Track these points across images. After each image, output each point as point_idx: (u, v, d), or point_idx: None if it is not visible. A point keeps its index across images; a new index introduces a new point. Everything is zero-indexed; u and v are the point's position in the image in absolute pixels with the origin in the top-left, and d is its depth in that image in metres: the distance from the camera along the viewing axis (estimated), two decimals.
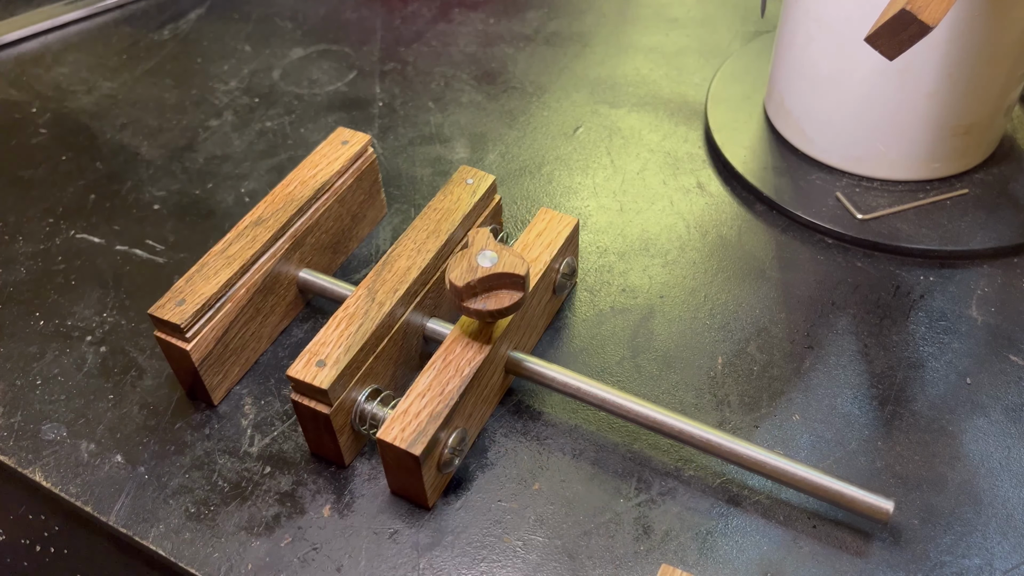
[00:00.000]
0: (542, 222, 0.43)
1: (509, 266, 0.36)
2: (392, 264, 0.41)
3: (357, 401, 0.38)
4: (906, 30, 0.36)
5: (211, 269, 0.41)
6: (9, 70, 0.65)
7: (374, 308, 0.39)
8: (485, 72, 0.63)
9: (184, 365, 0.40)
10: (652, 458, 0.40)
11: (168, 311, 0.39)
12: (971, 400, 0.41)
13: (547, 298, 0.43)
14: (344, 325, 0.38)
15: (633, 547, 0.36)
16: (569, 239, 0.43)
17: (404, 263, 0.41)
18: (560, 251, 0.42)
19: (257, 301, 0.42)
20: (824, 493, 0.35)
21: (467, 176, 0.45)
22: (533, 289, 0.40)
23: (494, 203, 0.46)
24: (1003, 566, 0.35)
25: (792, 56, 0.51)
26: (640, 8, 0.68)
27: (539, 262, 0.41)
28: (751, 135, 0.55)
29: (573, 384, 0.39)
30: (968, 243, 0.47)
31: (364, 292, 0.39)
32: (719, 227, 0.50)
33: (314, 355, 0.37)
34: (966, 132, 0.49)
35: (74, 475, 0.40)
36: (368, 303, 0.39)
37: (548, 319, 0.45)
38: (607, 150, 0.56)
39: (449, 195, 0.44)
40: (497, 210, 0.47)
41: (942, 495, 0.38)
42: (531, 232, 0.43)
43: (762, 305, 0.46)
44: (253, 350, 0.43)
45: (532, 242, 0.42)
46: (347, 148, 0.46)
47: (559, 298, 0.45)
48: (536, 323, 0.43)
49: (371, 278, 0.40)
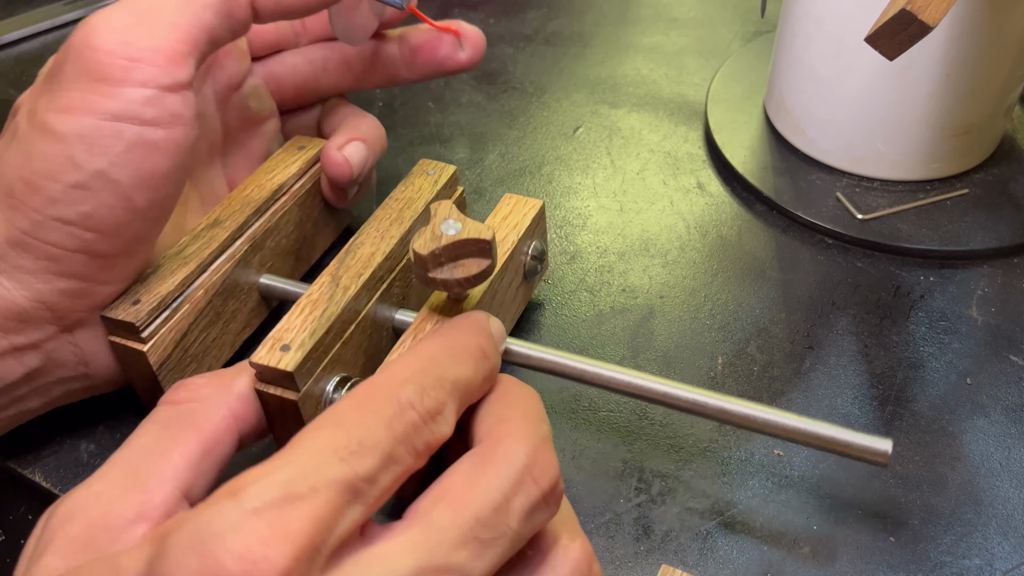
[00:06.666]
0: (507, 206, 0.42)
1: (474, 231, 0.34)
2: (355, 251, 0.40)
3: (326, 391, 0.36)
4: (906, 30, 0.36)
5: (167, 269, 0.39)
6: (9, 70, 0.65)
7: (339, 292, 0.38)
8: (485, 72, 0.63)
9: (141, 371, 0.39)
10: (652, 458, 0.39)
11: (122, 311, 0.37)
12: (971, 400, 0.41)
13: (517, 282, 0.42)
14: (308, 311, 0.37)
15: (633, 547, 0.36)
16: (535, 221, 0.42)
17: (368, 249, 0.40)
18: (527, 232, 0.41)
19: (217, 305, 0.41)
20: (819, 441, 0.34)
21: (428, 168, 0.45)
22: (502, 269, 0.40)
23: (457, 194, 0.45)
24: (1003, 566, 0.35)
25: (792, 56, 0.51)
26: (640, 8, 0.68)
27: (507, 242, 0.40)
28: (751, 135, 0.55)
29: (547, 359, 0.37)
30: (968, 243, 0.47)
31: (328, 279, 0.38)
32: (719, 227, 0.50)
33: (278, 340, 0.35)
34: (966, 132, 0.49)
35: (74, 476, 0.40)
36: (332, 288, 0.38)
37: (521, 305, 0.44)
38: (607, 150, 0.56)
39: (410, 186, 0.44)
40: (460, 203, 0.46)
41: (942, 495, 0.38)
42: (496, 216, 0.42)
43: (762, 305, 0.46)
44: (215, 357, 0.42)
45: (498, 225, 0.41)
46: (303, 153, 0.46)
47: (531, 284, 0.44)
48: (508, 308, 0.42)
49: (334, 266, 0.39)
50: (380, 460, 0.24)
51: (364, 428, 0.24)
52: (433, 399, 0.26)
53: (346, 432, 0.24)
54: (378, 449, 0.24)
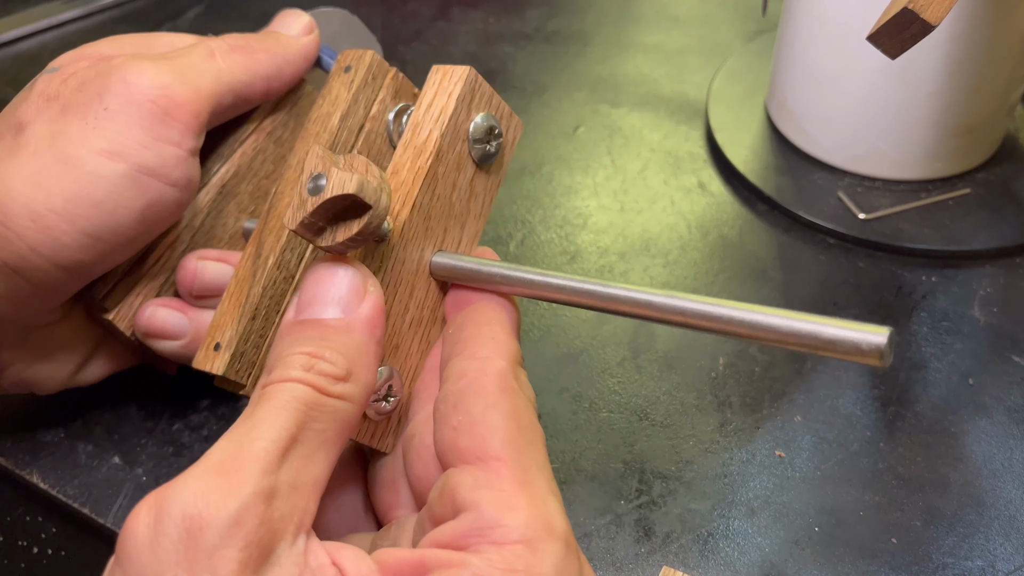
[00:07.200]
0: (431, 88, 0.34)
1: (337, 187, 0.28)
2: (275, 205, 0.35)
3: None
4: (908, 29, 0.36)
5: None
6: (7, 69, 0.65)
7: (260, 266, 0.34)
8: (485, 71, 0.62)
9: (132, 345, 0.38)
10: (653, 459, 0.39)
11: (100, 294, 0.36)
12: (974, 401, 0.41)
13: (467, 177, 0.34)
14: (236, 294, 0.34)
15: (634, 549, 0.36)
16: (465, 97, 0.33)
17: (287, 200, 0.35)
18: (456, 117, 0.33)
19: None
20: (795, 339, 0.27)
21: (345, 63, 0.37)
22: (431, 176, 0.32)
23: (388, 80, 0.38)
24: (1006, 568, 0.35)
25: (794, 55, 0.51)
26: (641, 7, 0.68)
27: (429, 142, 0.33)
28: (753, 134, 0.55)
29: (519, 276, 0.31)
30: (970, 243, 0.47)
31: (252, 250, 0.35)
32: (720, 227, 0.50)
33: (212, 338, 0.34)
34: (968, 131, 0.49)
35: (71, 476, 0.40)
36: (255, 261, 0.35)
37: (486, 198, 0.35)
38: (608, 149, 0.56)
39: (327, 96, 0.37)
40: (400, 86, 0.38)
41: (944, 496, 0.37)
42: (420, 106, 0.34)
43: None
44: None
45: (422, 119, 0.33)
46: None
47: (492, 169, 0.35)
48: (464, 210, 0.34)
49: (258, 230, 0.35)
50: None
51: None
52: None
53: None
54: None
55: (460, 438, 0.28)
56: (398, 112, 0.38)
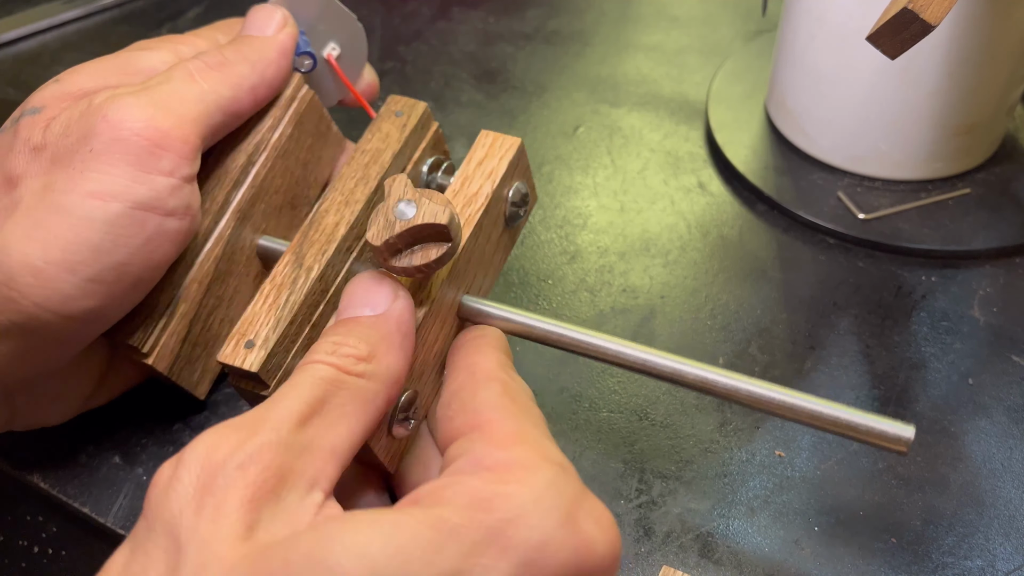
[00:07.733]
0: (482, 148, 0.38)
1: (429, 215, 0.31)
2: (319, 222, 0.38)
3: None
4: (908, 29, 0.36)
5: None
6: (7, 69, 0.65)
7: (302, 275, 0.36)
8: (485, 71, 0.62)
9: (155, 374, 0.38)
10: (653, 459, 0.39)
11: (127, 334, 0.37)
12: (973, 401, 0.41)
13: (498, 232, 0.38)
14: (272, 298, 0.35)
15: (634, 549, 0.36)
16: (514, 163, 0.38)
17: (332, 219, 0.38)
18: (504, 179, 0.37)
19: (216, 291, 0.39)
20: (835, 424, 0.31)
21: (396, 107, 0.41)
22: (477, 226, 0.36)
23: (431, 133, 0.42)
24: (1005, 568, 0.35)
25: (794, 55, 0.51)
26: (641, 6, 0.68)
27: (480, 195, 0.37)
28: (752, 134, 0.55)
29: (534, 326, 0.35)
30: (970, 243, 0.47)
31: (291, 258, 0.37)
32: (720, 227, 0.50)
33: (243, 335, 0.34)
34: (968, 131, 0.49)
35: (72, 476, 0.40)
36: (296, 269, 0.36)
37: (505, 254, 0.40)
38: (607, 149, 0.56)
39: (377, 133, 0.40)
40: (437, 140, 0.43)
41: (944, 496, 0.37)
42: (471, 162, 0.38)
43: (763, 305, 0.46)
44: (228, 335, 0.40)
45: (472, 173, 0.37)
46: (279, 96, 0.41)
47: (514, 230, 0.40)
48: (490, 260, 0.38)
49: (298, 240, 0.37)
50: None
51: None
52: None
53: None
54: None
55: (455, 420, 0.30)
56: (433, 164, 0.41)
